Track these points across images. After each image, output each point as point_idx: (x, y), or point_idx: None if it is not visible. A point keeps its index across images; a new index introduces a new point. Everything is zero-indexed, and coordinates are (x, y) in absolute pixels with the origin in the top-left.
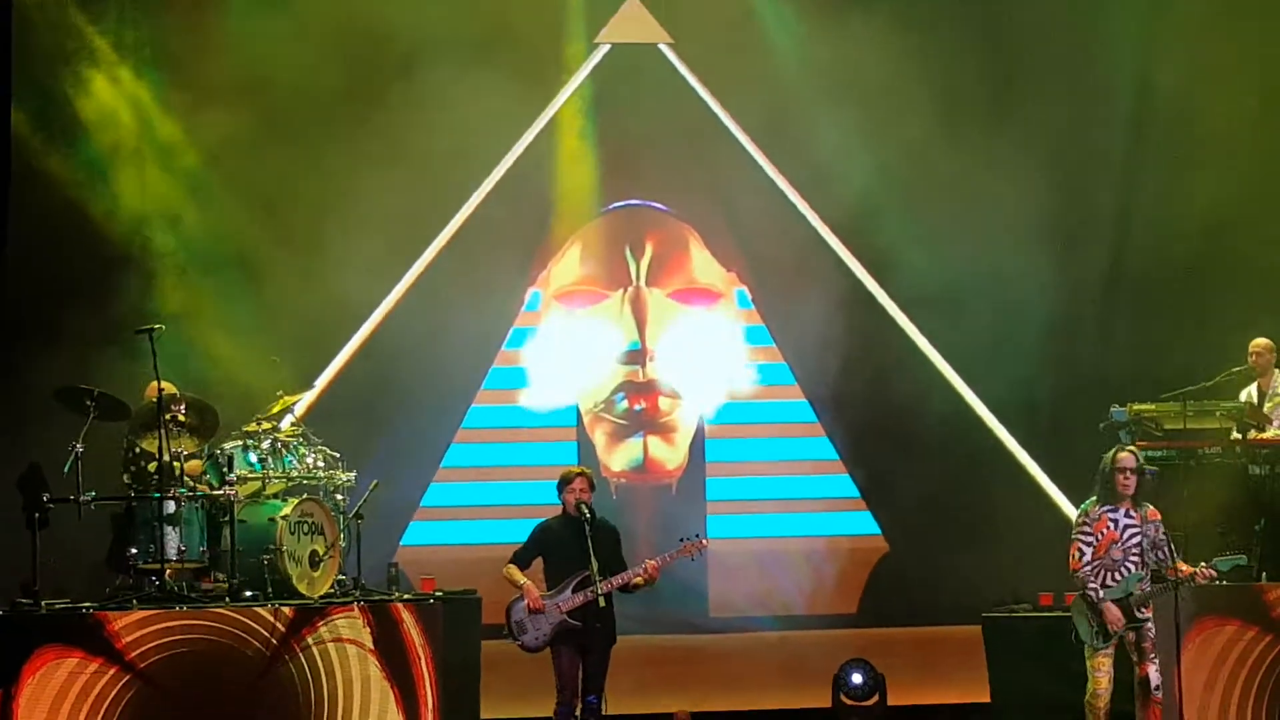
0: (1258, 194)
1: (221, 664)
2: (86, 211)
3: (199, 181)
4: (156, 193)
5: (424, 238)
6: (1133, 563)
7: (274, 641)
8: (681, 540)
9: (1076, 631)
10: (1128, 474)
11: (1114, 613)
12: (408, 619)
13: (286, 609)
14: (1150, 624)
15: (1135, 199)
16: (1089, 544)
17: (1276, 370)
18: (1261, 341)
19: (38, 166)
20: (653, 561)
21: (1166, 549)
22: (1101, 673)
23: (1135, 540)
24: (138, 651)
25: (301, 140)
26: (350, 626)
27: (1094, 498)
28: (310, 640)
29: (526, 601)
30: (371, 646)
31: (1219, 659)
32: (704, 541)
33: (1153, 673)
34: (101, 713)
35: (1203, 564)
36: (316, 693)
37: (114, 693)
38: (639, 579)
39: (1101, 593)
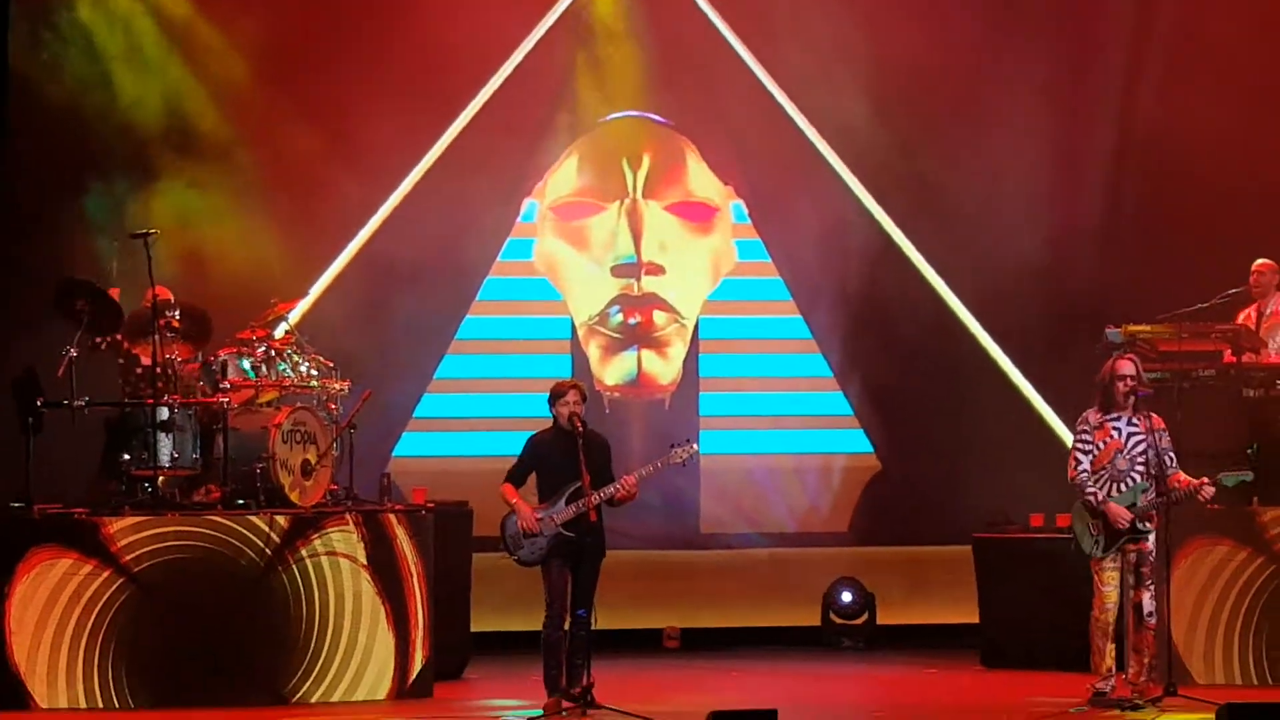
0: (1259, 113)
1: (215, 572)
2: (85, 113)
3: (196, 86)
4: (154, 96)
5: (422, 147)
6: (1138, 473)
7: (268, 552)
8: (672, 446)
9: (1077, 542)
10: (1128, 380)
11: (1118, 510)
12: (401, 535)
13: (281, 519)
14: (1151, 545)
15: (1135, 117)
16: (1087, 452)
17: (1277, 291)
18: (1264, 262)
19: (35, 66)
20: (630, 476)
21: (1169, 457)
22: (1110, 587)
23: (1141, 449)
24: (132, 555)
25: (303, 48)
26: (344, 541)
27: (1094, 408)
28: (304, 552)
29: (520, 522)
30: (365, 562)
31: (1209, 579)
32: (693, 446)
33: (1147, 599)
34: (94, 614)
35: (1205, 478)
36: (308, 605)
37: (107, 595)
38: (620, 493)
39: (1101, 495)
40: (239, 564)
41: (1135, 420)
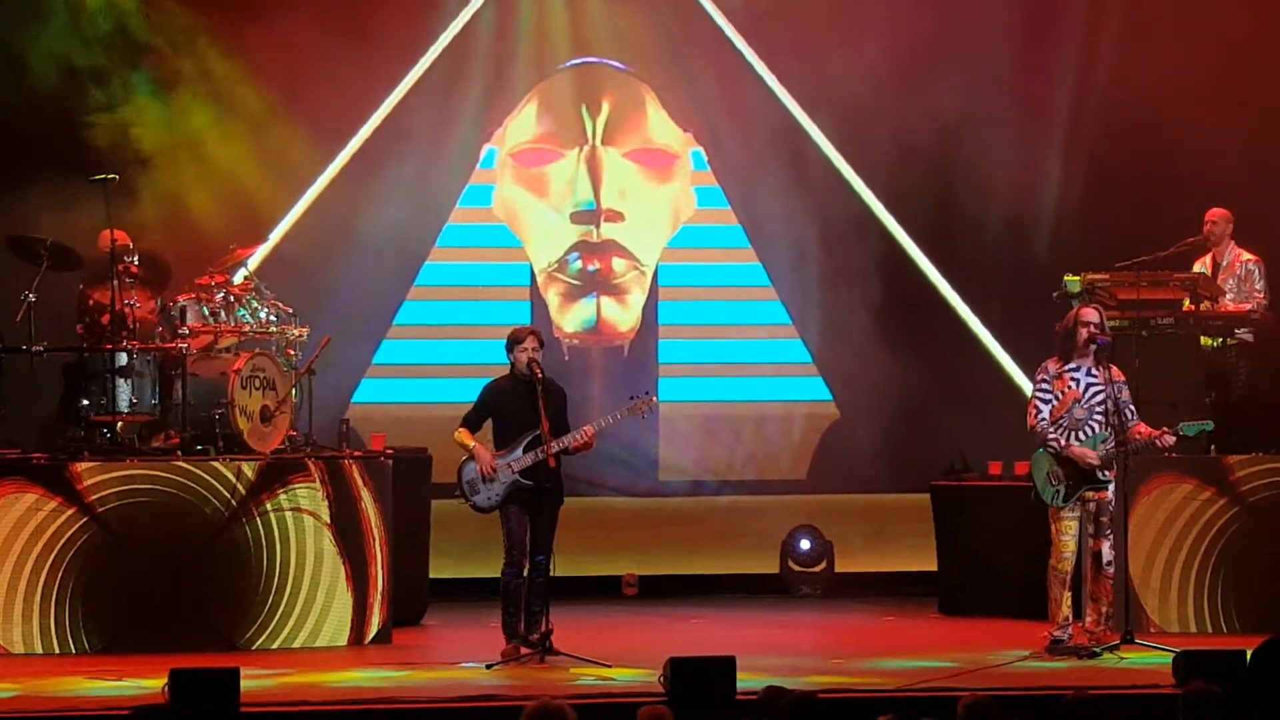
0: (1218, 63)
1: (178, 518)
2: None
3: (162, 31)
4: (120, 40)
5: (382, 93)
6: (1096, 422)
7: (233, 502)
8: (631, 398)
9: (1037, 491)
10: (1091, 327)
11: (1083, 451)
12: (365, 494)
13: (248, 470)
14: (1111, 495)
15: (1094, 67)
16: (1046, 401)
17: (1231, 240)
18: (1217, 211)
19: None
20: (590, 426)
21: (1129, 410)
22: (1068, 536)
23: (1099, 399)
24: (96, 496)
25: None
26: (310, 498)
27: (1054, 357)
28: (269, 506)
29: (479, 466)
30: (328, 521)
31: (1170, 517)
32: (652, 399)
33: (1106, 549)
34: (56, 549)
35: (1165, 428)
36: (270, 559)
37: (70, 533)
38: (578, 443)
39: (1064, 441)
40: (203, 512)
41: (1094, 371)
